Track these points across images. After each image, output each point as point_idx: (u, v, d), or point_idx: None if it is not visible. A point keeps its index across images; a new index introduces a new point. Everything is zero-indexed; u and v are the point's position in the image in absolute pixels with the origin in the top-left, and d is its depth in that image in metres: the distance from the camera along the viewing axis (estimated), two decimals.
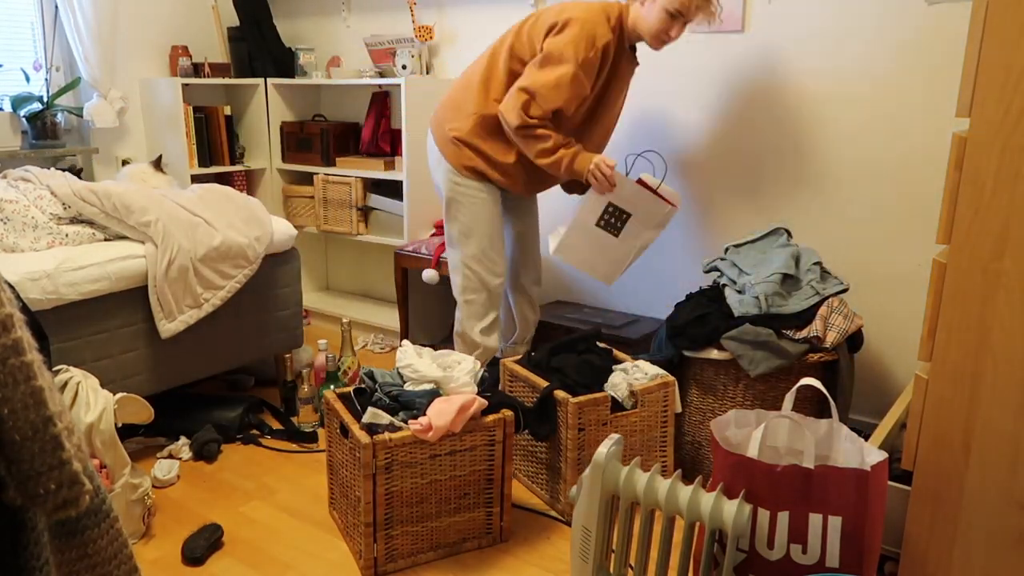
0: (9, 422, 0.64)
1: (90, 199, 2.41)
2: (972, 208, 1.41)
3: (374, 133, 3.67)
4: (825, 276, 2.36)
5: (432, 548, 2.01)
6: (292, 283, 2.86)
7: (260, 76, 3.86)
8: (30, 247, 2.32)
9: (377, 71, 3.55)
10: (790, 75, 2.68)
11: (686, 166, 2.96)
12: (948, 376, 1.49)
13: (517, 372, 2.33)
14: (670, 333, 2.35)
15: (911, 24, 2.43)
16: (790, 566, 1.51)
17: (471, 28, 3.42)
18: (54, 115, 3.40)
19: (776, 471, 1.49)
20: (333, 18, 3.90)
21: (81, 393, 1.94)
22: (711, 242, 2.96)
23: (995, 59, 1.35)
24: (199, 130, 3.70)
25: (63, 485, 0.66)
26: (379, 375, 2.09)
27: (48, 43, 3.53)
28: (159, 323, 2.41)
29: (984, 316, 1.43)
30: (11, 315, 0.65)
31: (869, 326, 2.67)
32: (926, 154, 2.48)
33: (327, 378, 2.70)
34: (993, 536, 1.49)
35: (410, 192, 3.40)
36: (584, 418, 2.12)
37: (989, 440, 1.46)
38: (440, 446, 1.93)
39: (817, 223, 2.71)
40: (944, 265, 1.46)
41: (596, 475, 1.63)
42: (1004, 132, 1.36)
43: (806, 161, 2.70)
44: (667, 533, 1.60)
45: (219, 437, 2.54)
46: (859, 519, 1.48)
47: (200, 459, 2.50)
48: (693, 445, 2.39)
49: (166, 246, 2.42)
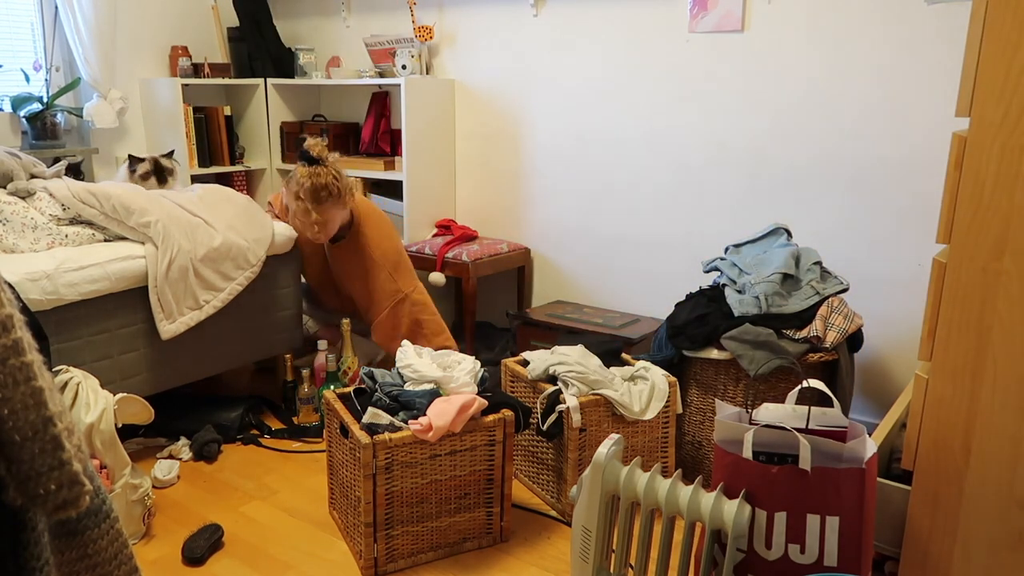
0: (9, 422, 0.64)
1: (89, 201, 2.40)
2: (972, 208, 1.41)
3: (374, 133, 3.67)
4: (825, 276, 2.36)
5: (432, 548, 2.01)
6: (292, 284, 2.86)
7: (260, 76, 3.86)
8: (30, 248, 2.32)
9: (377, 71, 3.55)
10: (790, 75, 2.68)
11: (686, 166, 2.96)
12: (948, 376, 1.49)
13: (518, 372, 2.33)
14: (670, 333, 2.35)
15: (911, 24, 2.43)
16: (789, 566, 1.51)
17: (471, 28, 3.42)
18: (54, 115, 3.39)
19: (772, 472, 1.49)
20: (333, 18, 3.90)
21: (81, 393, 1.94)
22: (711, 242, 2.96)
23: (995, 59, 1.35)
24: (199, 130, 3.70)
25: (63, 485, 0.66)
26: (379, 375, 2.09)
27: (48, 43, 3.53)
28: (159, 324, 2.41)
29: (984, 316, 1.43)
30: (11, 315, 0.65)
31: (869, 326, 2.67)
32: (926, 154, 2.48)
33: (327, 378, 2.70)
34: (993, 536, 1.49)
35: (410, 192, 3.41)
36: (585, 418, 2.12)
37: (989, 440, 1.46)
38: (440, 446, 1.93)
39: (817, 223, 2.72)
40: (944, 265, 1.46)
41: (596, 475, 1.63)
42: (1004, 132, 1.36)
43: (806, 161, 2.70)
44: (667, 533, 1.60)
45: (219, 437, 2.54)
46: (856, 518, 1.48)
47: (200, 459, 2.50)
48: (693, 445, 2.39)
49: (166, 247, 2.42)
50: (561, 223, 3.34)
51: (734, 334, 2.20)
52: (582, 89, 3.16)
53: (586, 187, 3.23)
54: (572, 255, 3.34)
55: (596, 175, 3.20)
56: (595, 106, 3.14)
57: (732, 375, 2.26)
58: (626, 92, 3.05)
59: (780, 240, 2.46)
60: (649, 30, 2.95)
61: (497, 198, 3.52)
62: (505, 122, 3.41)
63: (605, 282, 3.27)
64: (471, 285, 3.16)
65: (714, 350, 2.26)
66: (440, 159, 3.54)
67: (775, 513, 1.50)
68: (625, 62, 3.03)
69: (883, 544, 1.74)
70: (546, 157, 3.33)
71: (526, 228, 3.46)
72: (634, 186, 3.10)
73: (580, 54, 3.14)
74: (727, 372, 2.26)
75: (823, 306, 2.26)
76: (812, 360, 2.21)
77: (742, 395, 2.26)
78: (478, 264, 3.18)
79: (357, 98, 3.89)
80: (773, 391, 2.23)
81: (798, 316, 2.25)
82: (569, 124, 3.23)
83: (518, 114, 3.37)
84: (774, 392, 2.23)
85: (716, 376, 2.29)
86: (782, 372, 2.20)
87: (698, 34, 2.84)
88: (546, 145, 3.31)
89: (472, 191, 3.60)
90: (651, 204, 3.07)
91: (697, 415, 2.37)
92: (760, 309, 2.25)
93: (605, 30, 3.06)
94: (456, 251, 3.22)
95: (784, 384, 2.23)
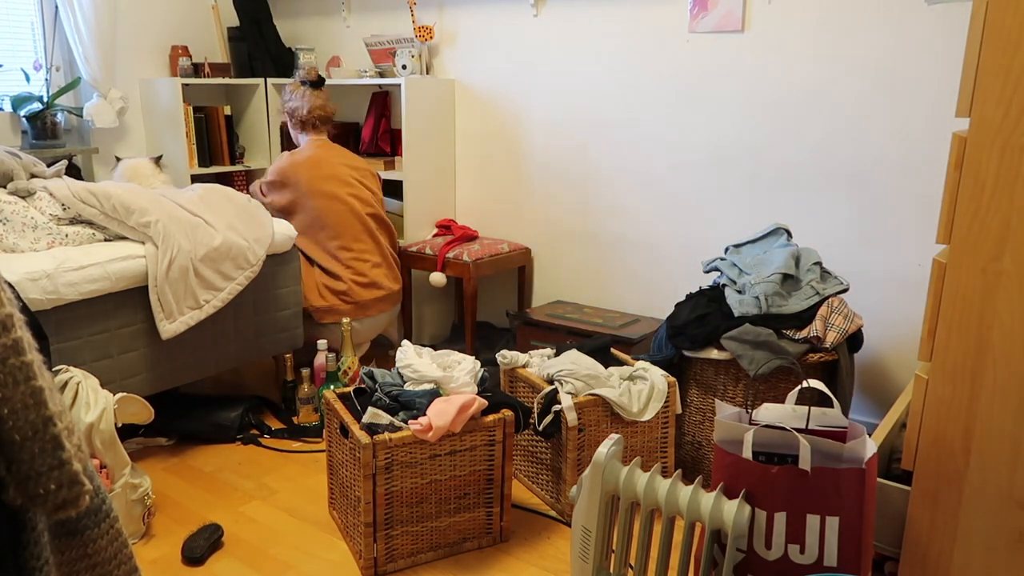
0: (9, 422, 0.64)
1: (89, 200, 2.41)
2: (972, 208, 1.41)
3: (374, 133, 3.67)
4: (825, 276, 2.36)
5: (432, 548, 2.01)
6: (292, 283, 2.86)
7: (260, 76, 3.86)
8: (30, 247, 2.32)
9: (377, 71, 3.55)
10: (790, 75, 2.68)
11: (686, 165, 2.96)
12: (948, 376, 1.49)
13: (518, 372, 2.33)
14: (670, 333, 2.35)
15: (911, 24, 2.43)
16: (788, 566, 1.51)
17: (471, 28, 3.42)
18: (54, 115, 3.39)
19: (772, 472, 1.49)
20: (333, 18, 3.90)
21: (81, 393, 1.94)
22: (711, 242, 2.96)
23: (995, 59, 1.35)
24: (199, 130, 3.70)
25: (63, 485, 0.66)
26: (379, 375, 2.09)
27: (48, 43, 3.53)
28: (159, 323, 2.41)
29: (984, 316, 1.43)
30: (11, 315, 0.65)
31: (869, 326, 2.67)
32: (926, 154, 2.48)
33: (327, 378, 2.70)
34: (993, 536, 1.49)
35: (410, 192, 3.41)
36: (584, 418, 2.12)
37: (989, 440, 1.46)
38: (440, 446, 1.93)
39: (817, 223, 2.72)
40: (944, 265, 1.46)
41: (596, 475, 1.63)
42: (1004, 132, 1.36)
43: (806, 161, 2.70)
44: (667, 533, 1.60)
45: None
46: (856, 518, 1.48)
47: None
48: (693, 445, 2.39)
49: (166, 246, 2.42)
50: (561, 223, 3.34)
51: (734, 334, 2.20)
52: (582, 89, 3.16)
53: (586, 187, 3.23)
54: (572, 255, 3.34)
55: (596, 175, 3.20)
56: (595, 106, 3.14)
57: (732, 375, 2.26)
58: (626, 92, 3.05)
59: (780, 240, 2.46)
60: (649, 30, 2.95)
61: (497, 198, 3.52)
62: (505, 122, 3.41)
63: (605, 282, 3.27)
64: (472, 285, 3.16)
65: (714, 350, 2.26)
66: (440, 159, 3.54)
67: (775, 513, 1.50)
68: (625, 62, 3.03)
69: (883, 544, 1.74)
70: (546, 157, 3.33)
71: (526, 228, 3.46)
72: (634, 186, 3.10)
73: (580, 54, 3.14)
74: (727, 372, 2.26)
75: (823, 306, 2.26)
76: (812, 360, 2.21)
77: (742, 395, 2.26)
78: (479, 264, 3.17)
79: (357, 98, 3.89)
80: (773, 391, 2.24)
81: (798, 316, 2.25)
82: (569, 124, 3.23)
83: (518, 114, 3.37)
84: (774, 392, 2.23)
85: (716, 376, 2.29)
86: (782, 372, 2.20)
87: (698, 34, 2.84)
88: (546, 145, 3.31)
89: (472, 191, 3.60)
90: (651, 204, 3.07)
91: (697, 415, 2.37)
92: (760, 309, 2.25)
93: (605, 30, 3.06)
94: (457, 251, 3.22)
95: (784, 384, 2.23)
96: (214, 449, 2.59)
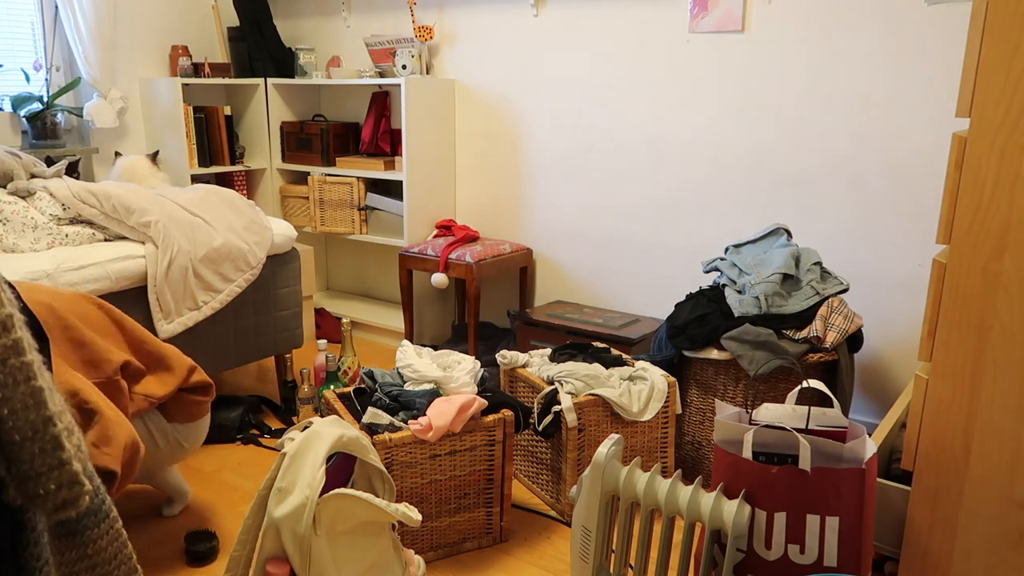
0: (9, 422, 0.64)
1: (89, 200, 2.41)
2: (972, 208, 1.41)
3: (374, 133, 3.67)
4: (825, 276, 2.36)
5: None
6: (292, 283, 2.86)
7: (260, 76, 3.86)
8: (30, 247, 2.32)
9: (377, 71, 3.55)
10: (790, 75, 2.68)
11: (686, 165, 2.96)
12: (948, 376, 1.49)
13: (518, 372, 2.33)
14: (670, 333, 2.35)
15: (911, 24, 2.43)
16: (788, 566, 1.51)
17: (471, 28, 3.42)
18: (54, 115, 3.40)
19: (772, 472, 1.49)
20: (333, 18, 3.90)
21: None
22: (711, 242, 2.96)
23: (995, 59, 1.35)
24: (199, 130, 3.71)
25: (63, 485, 0.66)
26: (379, 375, 2.09)
27: (48, 43, 3.53)
28: (157, 324, 2.41)
29: (984, 316, 1.43)
30: (11, 315, 0.65)
31: (869, 326, 2.67)
32: (926, 154, 2.48)
33: (327, 378, 2.70)
34: (993, 536, 1.49)
35: (410, 192, 3.41)
36: (584, 418, 2.12)
37: (989, 440, 1.46)
38: (440, 446, 1.93)
39: (817, 223, 2.72)
40: (944, 265, 1.46)
41: (596, 475, 1.63)
42: (1004, 132, 1.36)
43: (806, 161, 2.70)
44: (667, 533, 1.60)
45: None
46: (856, 519, 1.48)
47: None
48: (693, 445, 2.39)
49: (166, 247, 2.42)
50: (561, 223, 3.34)
51: (734, 334, 2.20)
52: (582, 89, 3.16)
53: (586, 187, 3.23)
54: (572, 255, 3.34)
55: (596, 175, 3.20)
56: (595, 106, 3.14)
57: (732, 375, 2.26)
58: (626, 92, 3.05)
59: (780, 240, 2.46)
60: (649, 30, 2.95)
61: (497, 198, 3.52)
62: (505, 122, 3.41)
63: (605, 282, 3.27)
64: (474, 287, 3.16)
65: (714, 350, 2.26)
66: (440, 159, 3.54)
67: (775, 513, 1.50)
68: (625, 62, 3.03)
69: (883, 544, 1.74)
70: (546, 157, 3.33)
71: (526, 228, 3.46)
72: (634, 186, 3.10)
73: (580, 54, 3.14)
74: (727, 372, 2.27)
75: (823, 306, 2.26)
76: (812, 360, 2.21)
77: (742, 395, 2.26)
78: (482, 265, 3.17)
79: (357, 98, 3.89)
80: (773, 391, 2.24)
81: (798, 316, 2.25)
82: (569, 124, 3.23)
83: (518, 114, 3.37)
84: (774, 392, 2.23)
85: (716, 376, 2.29)
86: (782, 372, 2.20)
87: (698, 34, 2.84)
88: (546, 145, 3.31)
89: (472, 191, 3.60)
90: (651, 204, 3.07)
91: (697, 415, 2.37)
92: (760, 309, 2.25)
93: (605, 30, 3.06)
94: (459, 252, 3.21)
95: (784, 384, 2.23)
96: (214, 449, 2.59)
